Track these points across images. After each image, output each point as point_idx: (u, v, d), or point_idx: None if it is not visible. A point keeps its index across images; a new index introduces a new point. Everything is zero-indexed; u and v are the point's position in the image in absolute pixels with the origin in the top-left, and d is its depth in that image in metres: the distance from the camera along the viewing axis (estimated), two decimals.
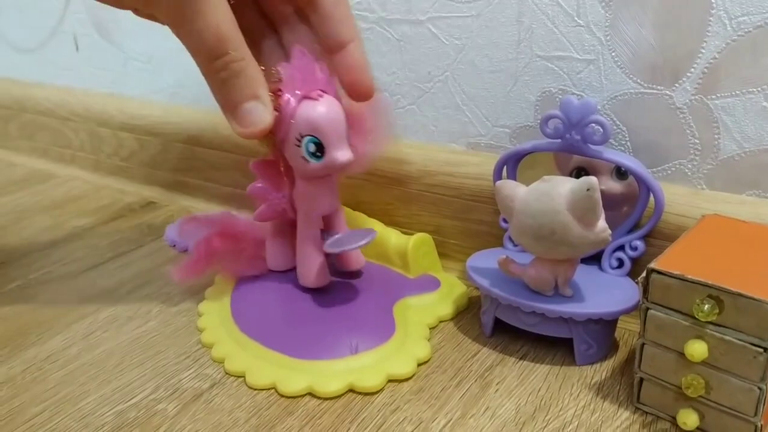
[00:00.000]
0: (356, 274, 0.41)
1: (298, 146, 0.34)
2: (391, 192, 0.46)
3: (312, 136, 0.34)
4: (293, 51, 0.34)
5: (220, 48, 0.30)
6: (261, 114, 0.32)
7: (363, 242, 0.36)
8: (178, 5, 0.29)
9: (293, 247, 0.40)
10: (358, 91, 0.35)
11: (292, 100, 0.33)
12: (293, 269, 0.41)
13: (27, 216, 0.57)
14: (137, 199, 0.60)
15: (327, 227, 0.39)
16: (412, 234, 0.42)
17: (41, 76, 0.72)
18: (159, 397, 0.32)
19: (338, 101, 0.35)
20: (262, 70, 0.33)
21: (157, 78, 0.61)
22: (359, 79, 0.34)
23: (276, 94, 0.33)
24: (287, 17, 0.36)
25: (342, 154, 0.34)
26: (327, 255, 0.38)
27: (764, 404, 0.27)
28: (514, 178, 0.40)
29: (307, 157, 0.34)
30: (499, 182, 0.34)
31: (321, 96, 0.34)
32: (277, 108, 0.33)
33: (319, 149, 0.34)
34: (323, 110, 0.33)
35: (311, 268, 0.38)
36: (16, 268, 0.47)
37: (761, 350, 0.26)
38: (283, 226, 0.41)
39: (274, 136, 0.35)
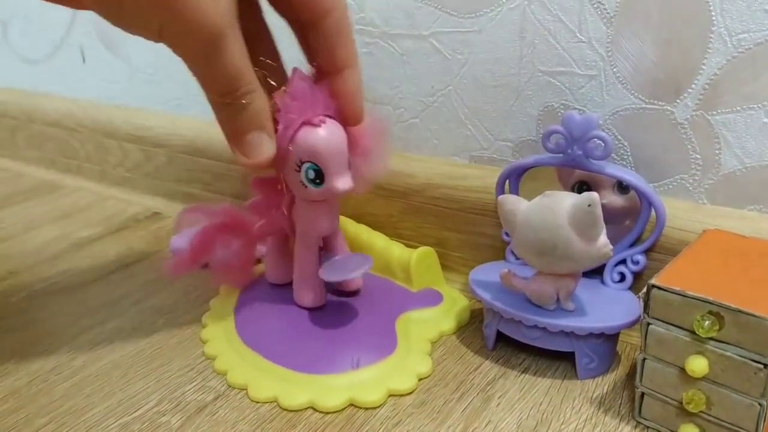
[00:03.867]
0: (354, 292, 0.41)
1: (297, 172, 0.33)
2: (394, 205, 0.47)
3: (311, 162, 0.33)
4: (292, 75, 0.33)
5: (234, 84, 0.30)
6: (265, 145, 0.32)
7: (358, 273, 0.36)
8: (201, 44, 0.28)
9: (292, 261, 0.41)
10: (346, 118, 0.34)
11: (290, 127, 0.33)
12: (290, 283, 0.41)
13: (34, 226, 0.57)
14: (142, 210, 0.60)
15: (326, 247, 0.39)
16: (415, 247, 0.42)
17: (48, 87, 0.73)
18: (163, 409, 0.32)
19: (341, 126, 0.34)
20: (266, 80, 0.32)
21: (162, 90, 0.62)
22: (350, 107, 0.34)
23: (275, 118, 0.33)
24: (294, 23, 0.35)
25: (342, 182, 0.33)
26: None
27: (765, 420, 0.27)
28: (517, 192, 0.40)
29: (306, 183, 0.34)
30: (501, 197, 0.35)
31: (323, 121, 0.33)
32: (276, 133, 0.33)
33: (319, 176, 0.33)
34: (324, 137, 0.32)
35: (307, 289, 0.38)
36: (22, 279, 0.47)
37: (761, 366, 0.26)
38: (282, 240, 0.41)
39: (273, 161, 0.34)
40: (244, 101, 0.30)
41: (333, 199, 0.37)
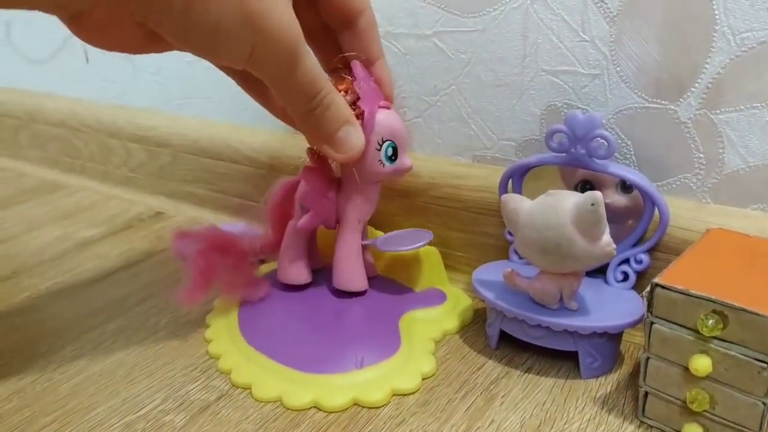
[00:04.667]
0: (373, 278, 0.42)
1: (378, 150, 0.37)
2: (397, 204, 0.47)
3: (391, 141, 0.37)
4: (355, 66, 0.36)
5: (316, 88, 0.32)
6: (355, 135, 0.34)
7: (420, 244, 0.39)
8: (286, 58, 0.30)
9: (309, 260, 0.41)
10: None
11: (373, 110, 0.36)
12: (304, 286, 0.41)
13: (37, 226, 0.57)
14: (146, 210, 0.61)
15: None
16: None
17: (52, 87, 0.73)
18: (167, 408, 0.33)
19: None
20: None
21: (166, 89, 0.62)
22: (385, 94, 0.38)
23: (353, 107, 0.36)
24: (315, 31, 0.37)
25: (408, 159, 0.39)
26: None
27: None
28: (520, 192, 0.40)
29: (384, 161, 0.37)
30: (504, 196, 0.35)
31: (388, 106, 0.38)
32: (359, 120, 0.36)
33: (395, 153, 0.37)
34: (398, 118, 0.38)
35: (360, 271, 0.40)
36: (26, 278, 0.47)
37: (765, 365, 0.26)
38: (302, 239, 0.41)
39: None
40: (326, 101, 0.32)
41: (379, 184, 0.40)
